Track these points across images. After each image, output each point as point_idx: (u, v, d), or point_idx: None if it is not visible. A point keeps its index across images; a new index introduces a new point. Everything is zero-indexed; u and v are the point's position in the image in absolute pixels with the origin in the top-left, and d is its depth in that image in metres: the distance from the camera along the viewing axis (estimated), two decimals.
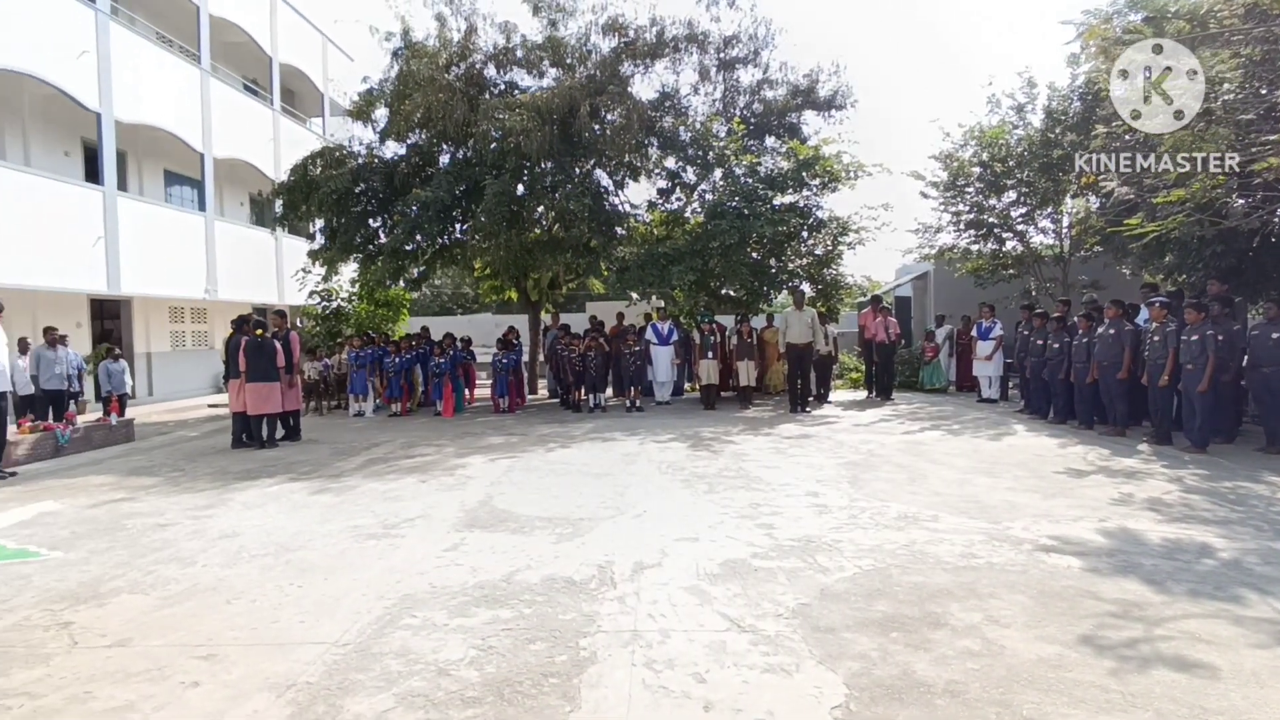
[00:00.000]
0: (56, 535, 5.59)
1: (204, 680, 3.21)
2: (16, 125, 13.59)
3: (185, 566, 4.76)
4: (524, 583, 4.32)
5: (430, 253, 14.25)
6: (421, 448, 9.36)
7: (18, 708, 2.99)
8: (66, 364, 10.77)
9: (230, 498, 6.74)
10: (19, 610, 4.06)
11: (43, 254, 12.50)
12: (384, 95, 13.98)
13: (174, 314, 17.88)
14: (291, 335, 10.51)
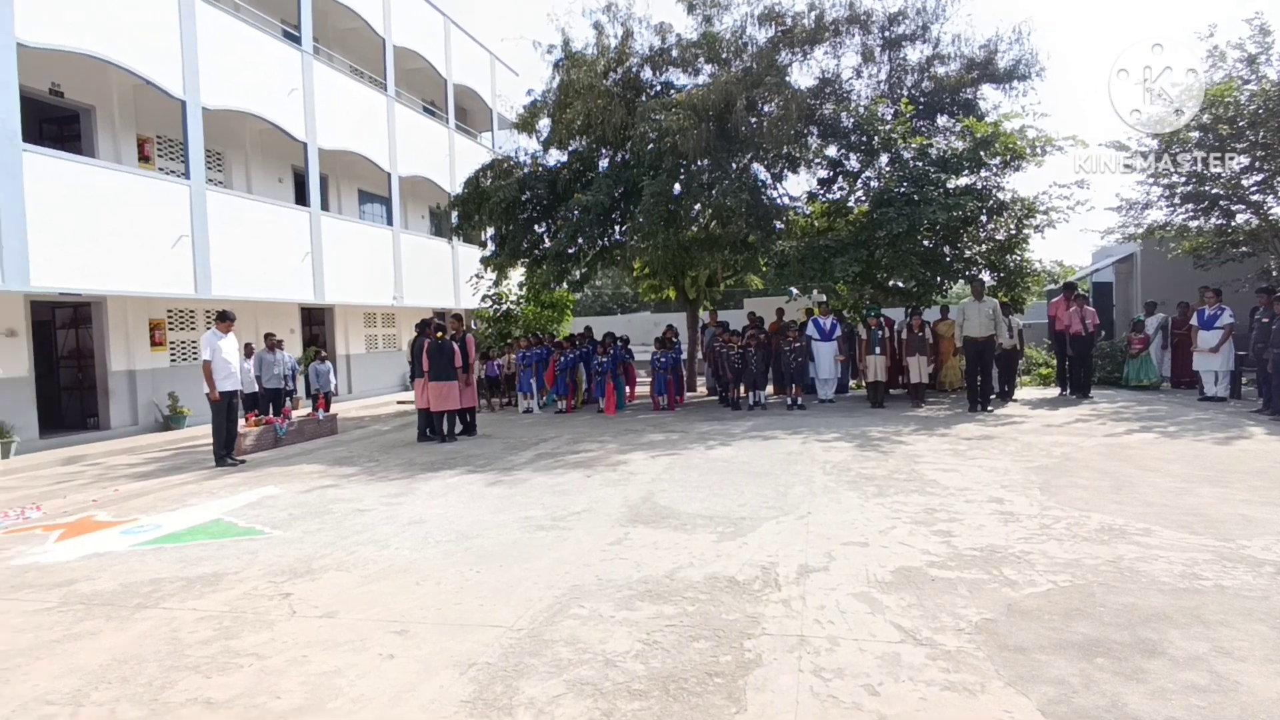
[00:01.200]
0: (277, 516, 6.35)
1: (398, 654, 3.49)
2: (240, 158, 15.68)
3: (381, 549, 5.22)
4: (687, 580, 4.32)
5: (591, 255, 14.72)
6: (586, 444, 9.67)
7: (249, 666, 3.41)
8: (283, 365, 12.23)
9: (417, 487, 7.32)
10: (248, 581, 4.64)
11: (264, 270, 14.32)
12: (546, 106, 14.63)
13: (368, 319, 19.83)
14: (467, 337, 11.26)
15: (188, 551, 5.38)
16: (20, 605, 4.35)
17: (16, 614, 4.20)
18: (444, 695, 3.07)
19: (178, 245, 12.29)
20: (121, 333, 12.84)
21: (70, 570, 5.03)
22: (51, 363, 12.85)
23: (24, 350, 11.25)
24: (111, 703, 3.11)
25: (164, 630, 3.87)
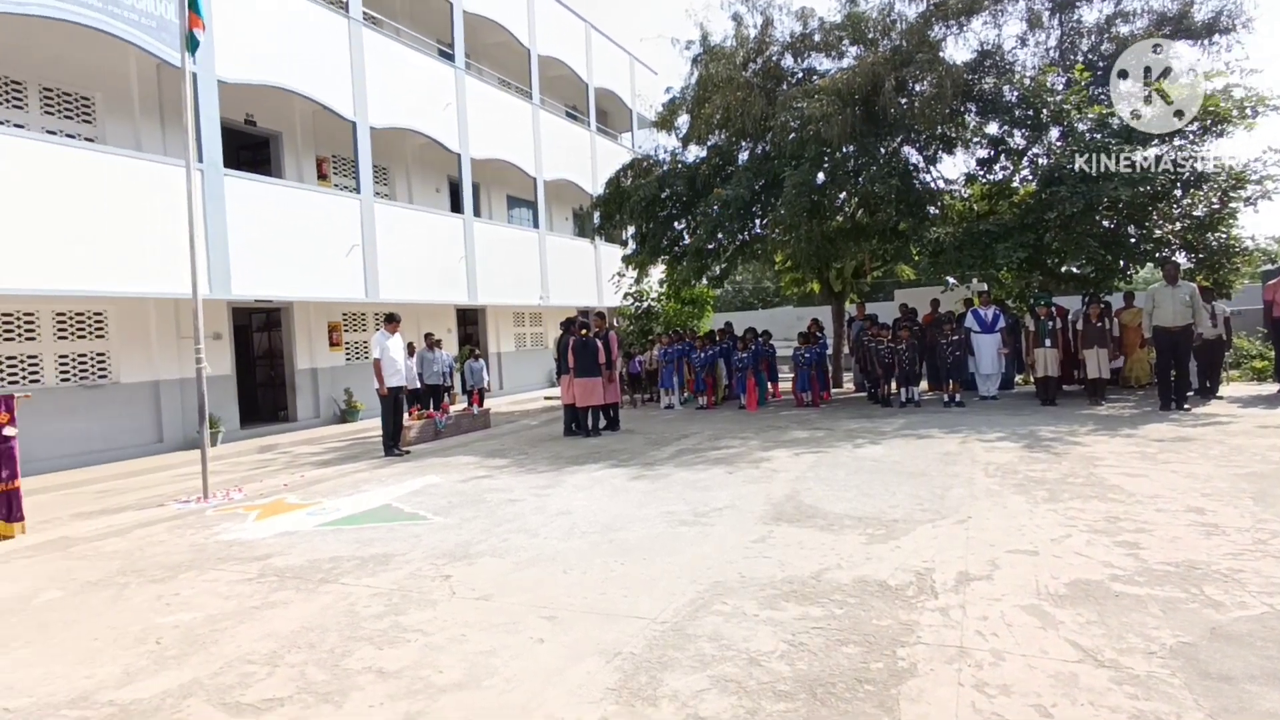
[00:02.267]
0: (438, 503, 6.78)
1: (548, 638, 3.61)
2: (402, 171, 16.94)
3: (531, 537, 5.43)
4: (834, 582, 4.15)
5: (731, 250, 14.59)
6: (727, 440, 9.60)
7: (415, 641, 3.65)
8: (442, 363, 13.09)
9: (564, 480, 7.57)
10: (414, 562, 4.98)
11: (424, 274, 15.40)
12: (684, 102, 14.64)
13: (516, 318, 20.81)
14: (610, 335, 11.50)
15: (362, 533, 5.86)
16: (227, 575, 4.93)
17: (224, 583, 4.76)
18: (591, 681, 3.14)
19: (351, 254, 13.48)
20: (305, 334, 14.27)
21: (266, 546, 5.63)
22: (249, 362, 14.51)
23: (227, 351, 12.80)
24: (301, 665, 3.44)
25: (343, 604, 4.23)
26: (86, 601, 4.55)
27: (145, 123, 11.52)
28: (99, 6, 9.45)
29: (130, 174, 10.05)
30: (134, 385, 11.28)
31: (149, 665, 3.54)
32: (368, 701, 3.08)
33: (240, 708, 3.07)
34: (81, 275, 9.45)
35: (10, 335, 10.03)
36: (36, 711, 3.13)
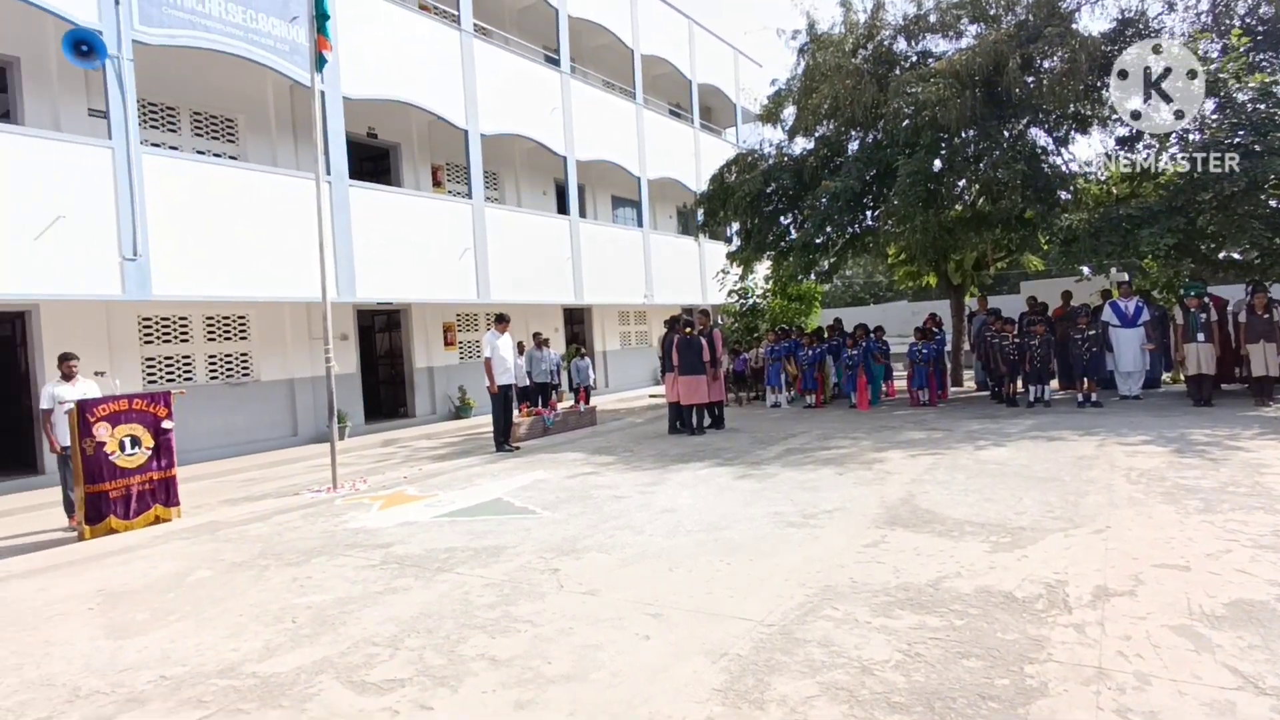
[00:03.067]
0: (546, 498, 6.94)
1: (653, 635, 3.61)
2: (511, 175, 17.49)
3: (636, 534, 5.46)
4: (954, 591, 3.92)
5: (841, 243, 14.14)
6: (837, 440, 9.30)
7: (525, 631, 3.74)
8: (549, 362, 13.42)
9: (669, 477, 7.56)
10: (524, 555, 5.11)
11: (532, 275, 15.84)
12: (791, 93, 14.31)
13: (622, 317, 21.04)
14: (715, 332, 11.41)
15: (475, 525, 6.08)
16: (354, 561, 5.24)
17: (351, 568, 5.06)
18: (696, 681, 3.11)
19: (463, 257, 14.05)
20: (423, 335, 15.01)
21: (389, 535, 5.95)
22: (372, 361, 15.40)
23: (353, 351, 13.66)
24: (420, 649, 3.59)
25: (458, 592, 4.40)
26: (232, 581, 4.95)
27: (280, 140, 12.46)
28: (241, 35, 10.29)
29: (267, 188, 10.90)
30: (272, 383, 12.24)
31: (286, 642, 3.80)
32: (481, 688, 3.18)
33: (365, 686, 3.25)
34: (228, 282, 10.33)
35: (168, 337, 11.10)
36: (190, 679, 3.43)
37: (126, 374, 10.07)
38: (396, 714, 3.01)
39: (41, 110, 9.75)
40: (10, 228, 8.23)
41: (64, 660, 3.76)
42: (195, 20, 9.81)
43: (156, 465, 6.89)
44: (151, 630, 4.11)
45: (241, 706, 3.14)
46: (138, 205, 9.24)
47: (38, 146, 8.64)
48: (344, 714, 3.03)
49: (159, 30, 9.45)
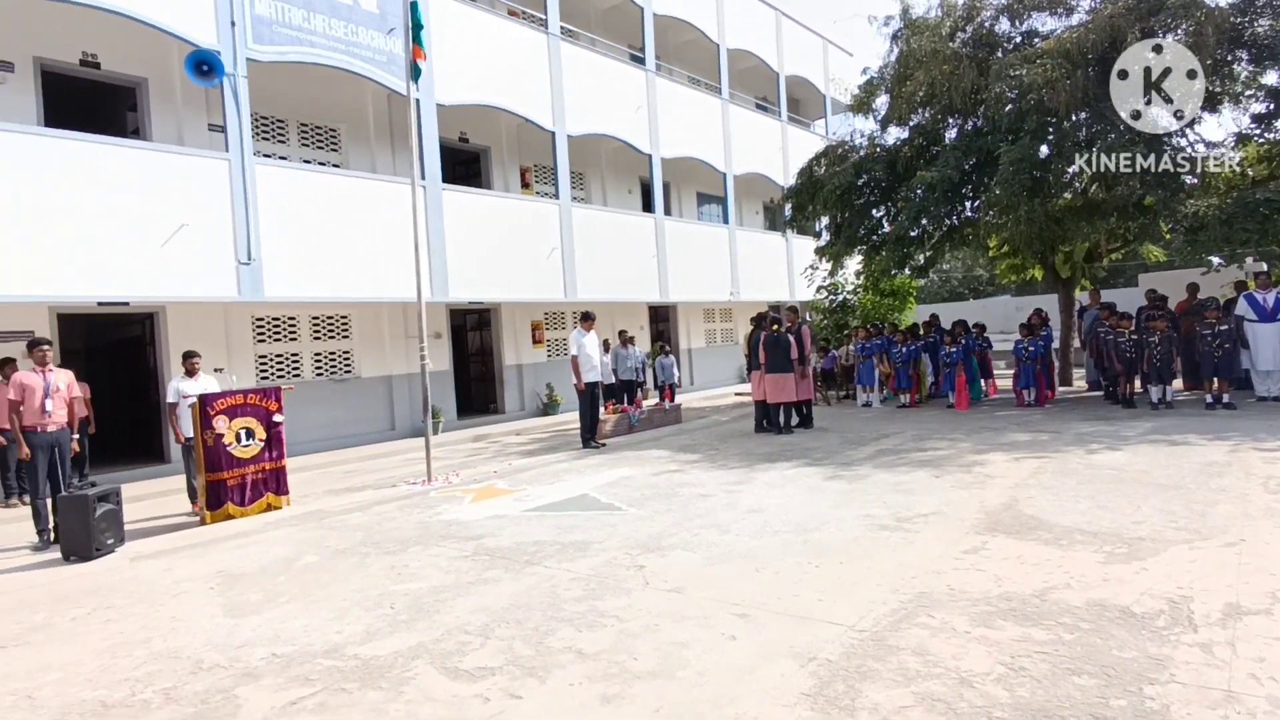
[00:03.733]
0: (632, 495, 6.97)
1: (739, 635, 3.56)
2: (597, 175, 17.67)
3: (722, 533, 5.40)
4: (1062, 603, 3.68)
5: (937, 236, 13.56)
6: (933, 441, 8.93)
7: (611, 626, 3.76)
8: (635, 359, 13.48)
9: (755, 477, 7.45)
10: (609, 551, 5.15)
11: (617, 273, 15.97)
12: (883, 81, 13.82)
13: (707, 315, 20.92)
14: (803, 329, 11.17)
15: (562, 520, 6.18)
16: (447, 552, 5.41)
17: (445, 559, 5.23)
18: (784, 684, 3.04)
19: (551, 257, 14.31)
20: (511, 333, 15.39)
21: (480, 527, 6.12)
22: (464, 359, 15.89)
23: (446, 349, 14.14)
24: (509, 639, 3.67)
25: (546, 585, 4.47)
26: (336, 567, 5.21)
27: (379, 147, 13.04)
28: (343, 49, 10.84)
29: (366, 193, 11.43)
30: (371, 379, 12.83)
31: (385, 627, 3.97)
32: (568, 680, 3.22)
33: (458, 673, 3.34)
34: (331, 284, 10.90)
35: (279, 337, 11.82)
36: (299, 658, 3.63)
37: (242, 371, 10.80)
38: (487, 701, 3.08)
39: (167, 127, 10.56)
40: (140, 236, 8.96)
41: (188, 635, 4.05)
42: (302, 37, 10.40)
43: (268, 456, 7.34)
44: (264, 610, 4.37)
45: (345, 686, 3.29)
46: (251, 213, 9.88)
47: (164, 160, 9.38)
48: (438, 698, 3.13)
49: (270, 48, 10.06)
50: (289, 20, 10.26)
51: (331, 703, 3.15)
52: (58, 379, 6.60)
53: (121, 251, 8.81)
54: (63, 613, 4.59)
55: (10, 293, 8.12)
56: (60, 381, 6.61)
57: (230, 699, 3.24)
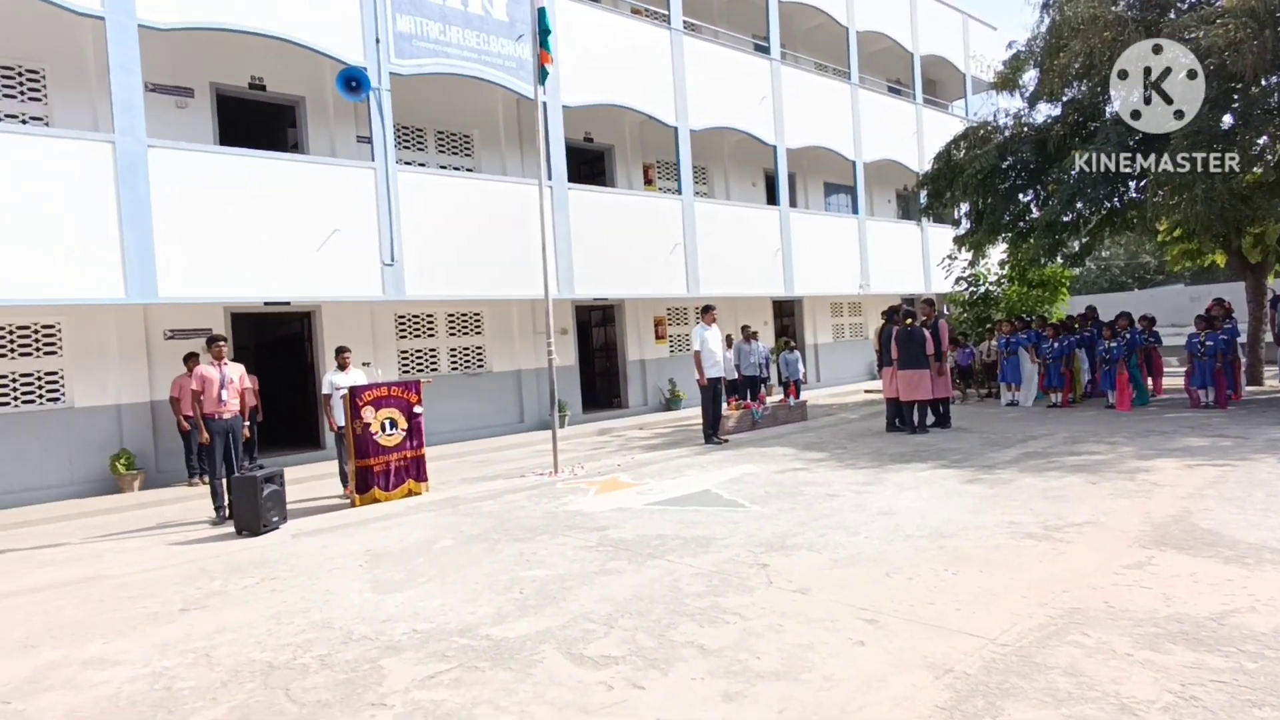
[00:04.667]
0: (755, 492, 6.85)
1: (868, 641, 3.40)
2: (719, 169, 17.51)
3: (850, 535, 5.20)
4: (1245, 628, 3.25)
5: (1095, 221, 12.41)
6: (1089, 444, 8.19)
7: (733, 624, 3.71)
8: (758, 355, 13.28)
9: (886, 478, 7.13)
10: (732, 548, 5.08)
11: (740, 268, 15.76)
12: (1032, 55, 12.77)
13: (834, 309, 20.25)
14: (940, 323, 10.58)
15: (684, 515, 6.17)
16: (572, 542, 5.55)
17: (570, 548, 5.36)
18: (917, 695, 2.88)
19: (673, 252, 14.34)
20: (635, 329, 15.57)
21: (604, 519, 6.23)
22: (589, 354, 16.25)
23: (572, 345, 14.51)
24: (632, 630, 3.71)
25: (668, 579, 4.48)
26: (470, 551, 5.47)
27: (509, 150, 13.56)
28: (476, 58, 11.36)
29: (496, 195, 11.93)
30: (502, 374, 13.39)
31: (514, 610, 4.11)
32: (690, 674, 3.20)
33: (583, 659, 3.41)
34: (465, 283, 11.47)
35: (418, 333, 12.57)
36: (436, 635, 3.83)
37: (386, 365, 11.59)
38: (610, 689, 3.12)
39: (321, 140, 11.49)
40: (300, 241, 9.80)
41: (340, 607, 4.38)
42: (439, 49, 10.99)
43: (410, 445, 7.82)
44: (406, 588, 4.66)
45: (477, 665, 3.44)
46: (394, 217, 10.57)
47: (318, 171, 10.22)
48: (563, 682, 3.20)
49: (410, 61, 10.71)
50: (427, 34, 10.87)
51: (465, 679, 3.30)
52: (231, 372, 7.35)
53: (284, 255, 9.69)
54: (236, 581, 5.10)
55: (193, 294, 9.14)
56: (234, 374, 7.36)
57: (376, 669, 3.47)
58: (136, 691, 3.41)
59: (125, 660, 3.79)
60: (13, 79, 9.24)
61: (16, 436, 8.89)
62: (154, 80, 9.54)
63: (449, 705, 3.07)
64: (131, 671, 3.64)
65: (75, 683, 3.56)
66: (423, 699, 3.14)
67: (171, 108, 10.09)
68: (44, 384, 9.23)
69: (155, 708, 3.23)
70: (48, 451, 9.05)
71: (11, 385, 9.01)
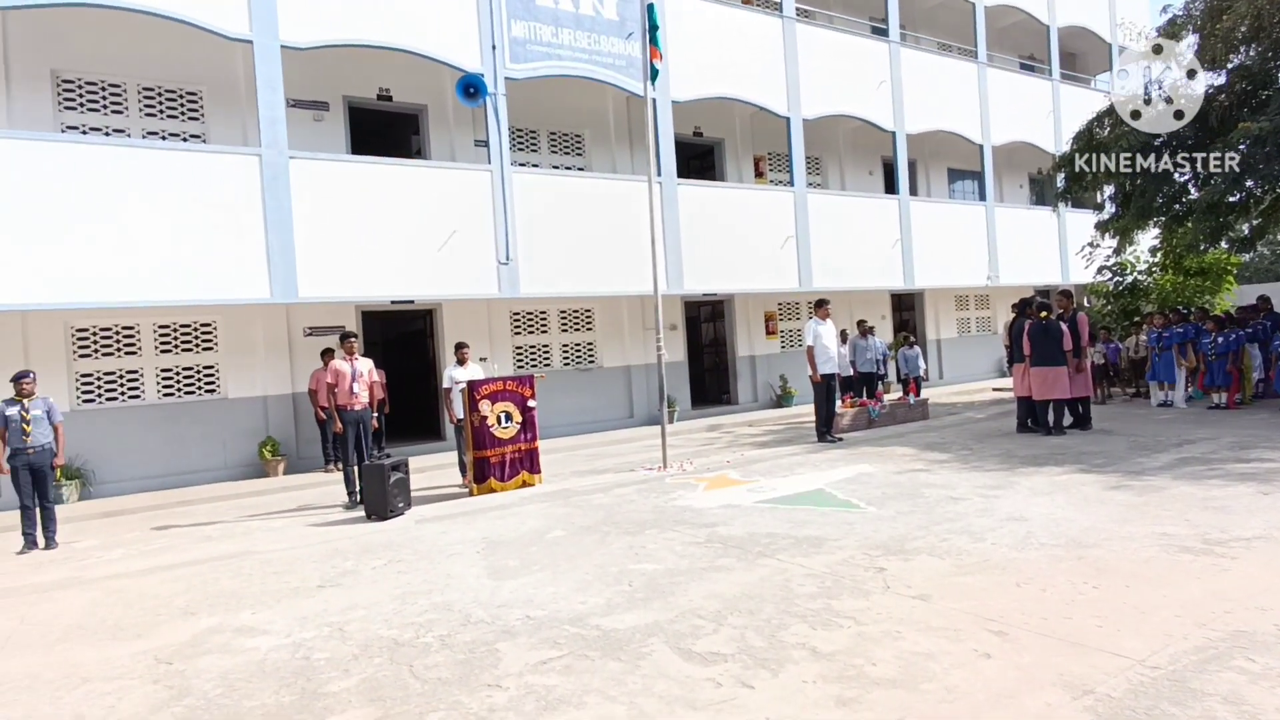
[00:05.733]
0: (871, 493, 6.59)
1: (995, 654, 3.18)
2: (834, 158, 16.94)
3: (975, 541, 4.89)
4: None
5: (1268, 201, 11.08)
6: (1260, 450, 7.33)
7: (847, 628, 3.57)
8: (874, 351, 12.75)
9: (1016, 481, 6.67)
10: (846, 550, 4.90)
11: (856, 260, 15.19)
12: (1190, 20, 11.55)
13: (959, 302, 19.16)
14: (1079, 316, 9.82)
15: (795, 514, 6.01)
16: (680, 537, 5.53)
17: (679, 543, 5.34)
18: (1052, 715, 2.67)
19: (785, 246, 14.03)
20: (745, 324, 15.35)
21: (712, 515, 6.17)
22: (698, 350, 16.18)
23: (681, 341, 14.50)
24: (741, 629, 3.64)
25: (778, 579, 4.37)
26: (580, 542, 5.57)
27: (619, 148, 13.71)
28: (587, 58, 11.57)
29: (606, 193, 12.10)
30: (612, 369, 13.57)
31: (623, 602, 4.14)
32: (801, 676, 3.10)
33: (691, 654, 3.39)
34: (576, 280, 11.72)
35: (532, 329, 12.95)
36: (549, 622, 3.92)
37: (501, 360, 12.02)
38: (719, 686, 3.08)
39: (442, 145, 12.03)
40: (422, 242, 10.33)
41: (459, 591, 4.57)
42: (551, 52, 11.26)
43: (523, 437, 8.07)
44: (520, 575, 4.80)
45: (588, 654, 3.48)
46: (509, 217, 10.95)
47: (439, 175, 10.75)
48: (672, 676, 3.19)
49: (524, 65, 11.04)
50: (540, 38, 11.17)
51: (576, 667, 3.35)
52: (362, 366, 7.84)
53: (408, 256, 10.26)
54: (366, 562, 5.43)
55: (329, 294, 9.84)
56: (364, 368, 7.85)
57: (492, 651, 3.59)
58: (280, 659, 3.69)
59: (270, 630, 4.11)
60: (177, 101, 10.26)
61: (180, 424, 9.90)
62: (294, 96, 10.31)
63: (560, 691, 3.13)
64: (276, 640, 3.94)
65: (229, 648, 3.89)
66: (535, 683, 3.21)
67: (309, 121, 10.88)
68: (203, 377, 10.21)
69: (296, 675, 3.48)
70: (206, 438, 10.02)
71: (177, 378, 10.03)
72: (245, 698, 3.29)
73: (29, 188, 8.15)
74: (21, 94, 9.26)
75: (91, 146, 8.80)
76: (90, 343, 9.57)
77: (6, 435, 6.53)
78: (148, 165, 8.79)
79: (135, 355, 9.81)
